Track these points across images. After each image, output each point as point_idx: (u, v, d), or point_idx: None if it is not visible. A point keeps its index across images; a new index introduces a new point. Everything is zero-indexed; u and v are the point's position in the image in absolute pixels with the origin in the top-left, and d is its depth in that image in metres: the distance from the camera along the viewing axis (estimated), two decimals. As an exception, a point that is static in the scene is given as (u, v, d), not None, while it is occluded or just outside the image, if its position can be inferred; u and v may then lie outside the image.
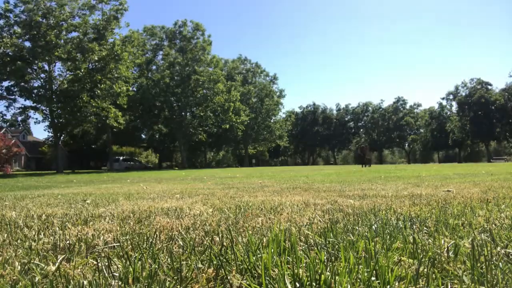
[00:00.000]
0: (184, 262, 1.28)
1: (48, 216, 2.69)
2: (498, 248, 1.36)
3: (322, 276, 1.06)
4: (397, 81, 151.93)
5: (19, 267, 1.30)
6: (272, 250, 1.33)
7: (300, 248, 1.45)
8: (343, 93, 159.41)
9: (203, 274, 1.19)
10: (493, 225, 1.87)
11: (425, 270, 1.12)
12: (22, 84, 27.92)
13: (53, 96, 29.06)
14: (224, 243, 1.56)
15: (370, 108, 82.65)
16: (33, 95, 28.44)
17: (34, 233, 1.95)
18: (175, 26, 44.56)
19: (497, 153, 75.86)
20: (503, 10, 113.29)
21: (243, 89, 55.35)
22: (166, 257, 1.38)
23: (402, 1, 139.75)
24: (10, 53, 26.35)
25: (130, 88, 35.10)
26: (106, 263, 1.25)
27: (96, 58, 28.78)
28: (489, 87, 63.17)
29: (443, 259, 1.27)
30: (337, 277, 1.06)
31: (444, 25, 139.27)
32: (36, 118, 69.07)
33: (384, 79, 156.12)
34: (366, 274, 1.08)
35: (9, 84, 27.95)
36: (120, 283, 1.10)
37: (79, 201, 3.91)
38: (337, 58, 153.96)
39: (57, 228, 2.10)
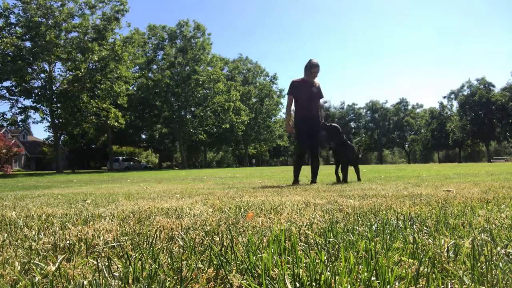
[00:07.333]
0: (184, 262, 1.28)
1: (48, 216, 2.69)
2: (498, 248, 1.36)
3: (322, 276, 1.06)
4: (400, 82, 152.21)
5: (19, 267, 1.30)
6: (272, 250, 1.33)
7: (300, 248, 1.45)
8: (347, 94, 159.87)
9: (203, 274, 1.19)
10: (493, 225, 1.87)
11: (425, 270, 1.12)
12: (23, 84, 27.91)
13: (53, 96, 29.05)
14: (224, 243, 1.55)
15: (372, 108, 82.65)
16: (33, 95, 28.44)
17: (34, 233, 1.95)
18: (177, 26, 44.57)
19: (497, 153, 75.85)
20: (506, 7, 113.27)
21: (243, 89, 55.37)
22: (166, 257, 1.38)
23: (406, 2, 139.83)
24: (10, 53, 26.33)
25: (130, 88, 35.13)
26: (106, 263, 1.25)
27: (96, 58, 28.77)
28: (492, 88, 63.16)
29: (443, 259, 1.27)
30: (337, 277, 1.06)
31: (447, 24, 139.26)
32: (35, 119, 69.03)
33: (388, 80, 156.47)
34: (366, 274, 1.08)
35: (10, 84, 27.96)
36: (120, 283, 1.10)
37: (79, 201, 3.91)
38: (342, 59, 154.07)
39: (57, 228, 2.10)
